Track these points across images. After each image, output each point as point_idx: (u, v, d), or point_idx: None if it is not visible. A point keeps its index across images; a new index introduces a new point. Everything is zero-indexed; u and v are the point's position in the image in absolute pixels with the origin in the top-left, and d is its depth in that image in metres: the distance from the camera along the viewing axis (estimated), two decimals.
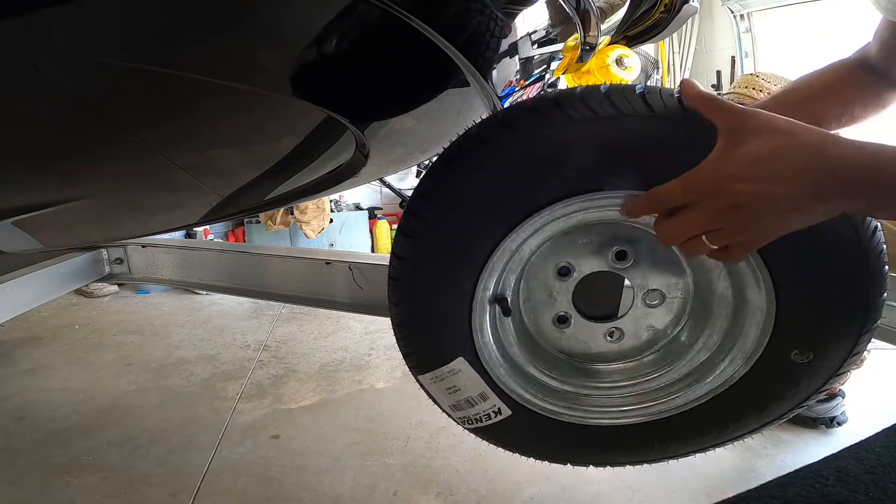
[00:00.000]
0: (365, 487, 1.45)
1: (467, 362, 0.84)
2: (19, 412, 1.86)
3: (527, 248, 0.82)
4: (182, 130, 0.69)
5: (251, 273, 1.49)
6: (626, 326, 0.92)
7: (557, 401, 0.91)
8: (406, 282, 0.81)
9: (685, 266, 0.88)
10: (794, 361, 0.81)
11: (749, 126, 0.58)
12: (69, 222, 0.99)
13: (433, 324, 0.83)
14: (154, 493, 1.43)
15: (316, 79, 0.61)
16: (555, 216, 0.75)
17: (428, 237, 0.77)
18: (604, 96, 0.68)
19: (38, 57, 0.46)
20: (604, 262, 0.87)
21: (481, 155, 0.72)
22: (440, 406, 0.92)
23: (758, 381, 0.84)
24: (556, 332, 0.93)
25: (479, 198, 0.73)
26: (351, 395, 1.97)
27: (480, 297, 0.81)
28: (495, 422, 0.90)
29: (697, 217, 0.60)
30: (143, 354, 2.35)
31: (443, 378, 0.86)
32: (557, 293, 0.90)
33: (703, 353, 0.89)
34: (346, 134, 0.75)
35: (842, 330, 0.79)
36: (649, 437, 0.92)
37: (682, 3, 1.32)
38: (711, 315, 0.88)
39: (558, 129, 0.69)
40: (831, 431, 1.72)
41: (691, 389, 0.89)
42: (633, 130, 0.68)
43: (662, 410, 0.90)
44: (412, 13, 0.54)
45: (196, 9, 0.47)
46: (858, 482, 0.41)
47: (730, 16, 4.29)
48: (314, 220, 3.73)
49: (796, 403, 0.86)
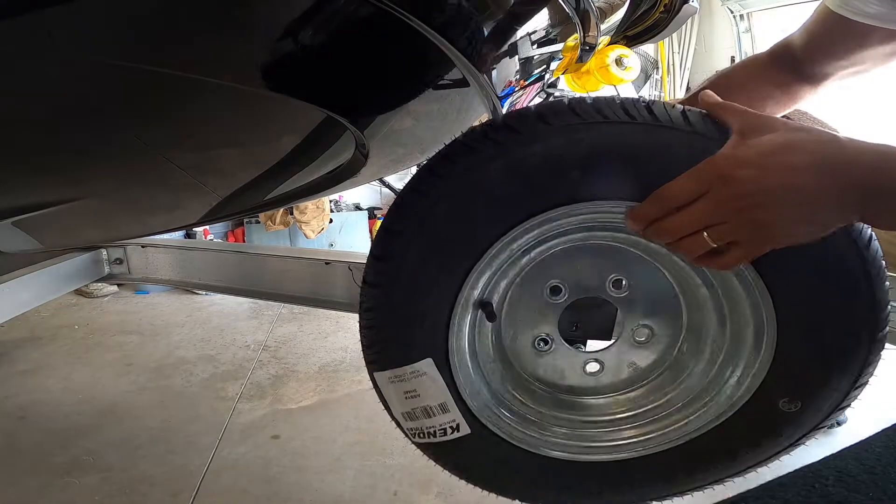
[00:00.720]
0: (365, 487, 1.45)
1: (435, 365, 0.77)
2: (19, 412, 1.85)
3: (525, 255, 0.79)
4: (182, 130, 0.69)
5: (251, 273, 1.49)
6: (608, 360, 0.89)
7: (523, 426, 0.85)
8: (391, 263, 0.73)
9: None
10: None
11: (762, 124, 0.60)
12: (69, 222, 0.99)
13: (408, 315, 0.75)
14: (154, 493, 1.43)
15: (316, 79, 0.61)
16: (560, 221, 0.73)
17: (426, 219, 0.71)
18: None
19: (38, 57, 0.46)
20: (600, 289, 0.84)
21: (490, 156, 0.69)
22: (390, 411, 0.83)
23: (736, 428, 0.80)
24: (533, 354, 0.89)
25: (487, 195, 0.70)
26: (351, 395, 1.97)
27: (466, 297, 0.75)
28: (449, 439, 0.82)
29: (703, 206, 0.59)
30: (142, 354, 2.35)
31: (403, 379, 0.78)
32: (544, 312, 0.85)
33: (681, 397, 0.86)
34: (346, 134, 0.75)
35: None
36: (612, 478, 0.86)
37: (682, 4, 1.32)
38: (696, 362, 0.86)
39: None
40: (831, 431, 1.72)
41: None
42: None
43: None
44: (412, 13, 0.54)
45: (195, 8, 0.47)
46: (858, 482, 0.41)
47: (729, 16, 4.30)
48: (314, 220, 3.73)
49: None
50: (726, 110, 0.64)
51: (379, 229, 0.76)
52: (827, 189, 0.56)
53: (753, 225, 0.58)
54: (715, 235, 0.59)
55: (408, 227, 0.72)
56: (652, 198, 0.63)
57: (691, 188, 0.60)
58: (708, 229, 0.59)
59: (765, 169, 0.56)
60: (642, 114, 0.66)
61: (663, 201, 0.62)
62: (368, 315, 0.77)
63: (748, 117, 0.61)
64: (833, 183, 0.56)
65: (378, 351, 0.79)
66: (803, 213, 0.57)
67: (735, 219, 0.58)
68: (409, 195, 0.73)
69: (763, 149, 0.57)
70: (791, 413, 0.77)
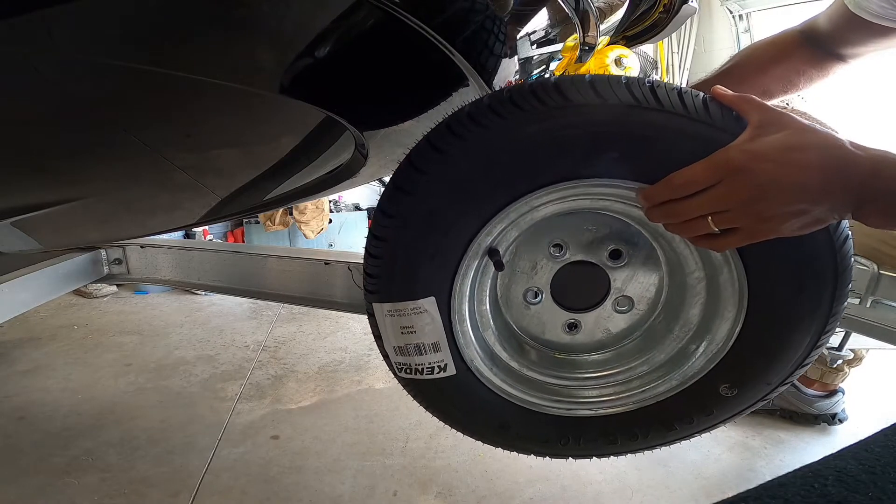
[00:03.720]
0: (364, 488, 1.45)
1: (437, 304, 0.78)
2: (19, 412, 1.85)
3: (545, 210, 0.79)
4: (181, 131, 0.69)
5: (250, 273, 1.49)
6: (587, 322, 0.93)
7: (504, 375, 0.90)
8: (413, 197, 0.72)
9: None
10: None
11: (781, 121, 0.62)
12: (68, 223, 0.99)
13: (420, 251, 0.75)
14: (153, 494, 1.43)
15: (316, 79, 0.61)
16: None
17: (455, 164, 0.70)
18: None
19: (38, 57, 0.46)
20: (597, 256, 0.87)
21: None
22: (382, 344, 0.84)
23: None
24: (523, 305, 0.93)
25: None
26: (350, 395, 1.97)
27: (479, 242, 0.76)
28: (434, 377, 0.84)
29: (715, 195, 0.61)
30: (142, 355, 2.34)
31: (403, 314, 0.79)
32: (541, 268, 0.89)
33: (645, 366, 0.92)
34: (346, 134, 0.75)
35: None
36: (567, 431, 0.93)
37: (681, 4, 1.32)
38: (669, 335, 0.90)
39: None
40: (831, 431, 1.73)
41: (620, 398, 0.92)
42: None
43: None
44: (412, 14, 0.54)
45: (196, 9, 0.47)
46: (858, 482, 0.41)
47: (728, 16, 4.30)
48: (313, 220, 3.74)
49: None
50: (746, 102, 0.66)
51: (403, 162, 0.73)
52: (829, 188, 0.59)
53: (757, 216, 0.61)
54: (719, 221, 0.63)
55: (435, 168, 0.71)
56: (665, 182, 0.65)
57: (706, 178, 0.62)
58: (713, 215, 0.62)
59: (779, 165, 0.59)
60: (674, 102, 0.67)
61: (676, 188, 0.64)
62: (378, 244, 0.76)
63: (766, 112, 0.63)
64: (835, 183, 0.59)
65: (382, 282, 0.79)
66: (804, 209, 0.60)
67: (741, 208, 0.61)
68: (445, 138, 0.70)
69: (778, 144, 0.60)
70: (727, 398, 0.86)
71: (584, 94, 0.66)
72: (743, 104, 0.66)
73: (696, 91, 0.68)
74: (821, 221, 0.62)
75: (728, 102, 0.67)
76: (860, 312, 1.20)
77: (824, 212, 0.61)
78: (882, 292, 1.21)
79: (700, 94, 0.68)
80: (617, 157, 0.68)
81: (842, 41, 0.98)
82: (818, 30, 1.01)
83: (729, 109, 0.66)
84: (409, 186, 0.72)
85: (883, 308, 1.22)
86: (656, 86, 0.66)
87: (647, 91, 0.66)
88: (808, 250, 0.71)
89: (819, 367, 1.67)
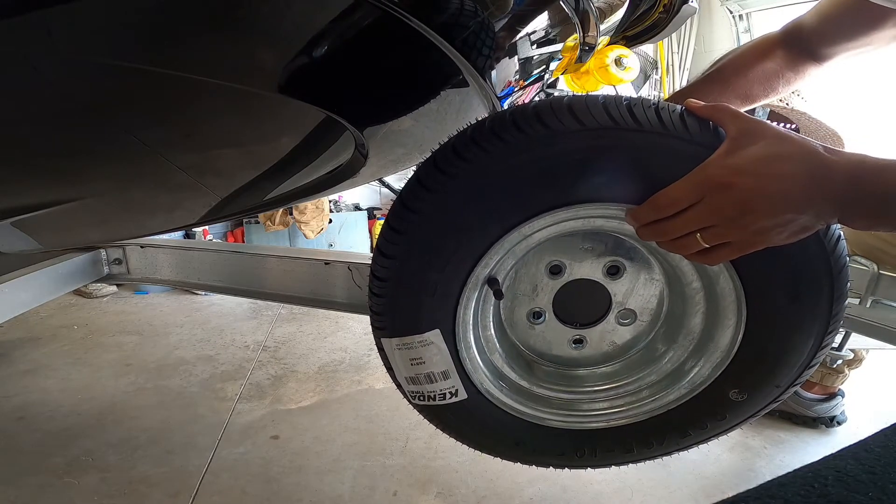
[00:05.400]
0: (365, 488, 1.45)
1: (442, 336, 0.81)
2: (19, 412, 1.85)
3: (538, 236, 0.80)
4: (181, 131, 0.69)
5: (250, 273, 1.49)
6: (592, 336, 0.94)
7: (514, 394, 0.91)
8: (408, 237, 0.75)
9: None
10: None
11: (757, 130, 0.61)
12: (68, 223, 0.99)
13: (420, 288, 0.78)
14: (153, 494, 1.43)
15: (315, 79, 0.61)
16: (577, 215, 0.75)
17: (449, 200, 0.72)
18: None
19: (38, 57, 0.46)
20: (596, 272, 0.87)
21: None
22: (395, 375, 0.87)
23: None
24: (527, 326, 0.94)
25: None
26: (350, 395, 1.97)
27: (478, 274, 0.78)
28: (447, 403, 0.87)
29: (699, 212, 0.62)
30: (142, 355, 2.34)
31: (411, 347, 0.82)
32: (542, 289, 0.90)
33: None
34: (346, 134, 0.75)
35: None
36: (582, 443, 0.94)
37: (681, 4, 1.32)
38: (674, 345, 0.91)
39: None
40: (831, 431, 1.73)
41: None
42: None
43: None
44: (412, 14, 0.54)
45: (195, 8, 0.47)
46: (858, 482, 0.41)
47: (729, 16, 4.30)
48: (313, 220, 3.74)
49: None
50: (721, 112, 0.65)
51: (395, 203, 0.75)
52: (810, 196, 0.59)
53: (745, 229, 0.61)
54: (707, 237, 0.63)
55: (427, 207, 0.72)
56: (649, 203, 0.66)
57: (688, 196, 0.62)
58: (701, 231, 0.63)
59: (760, 178, 0.59)
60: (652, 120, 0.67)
61: (661, 208, 0.65)
62: (380, 284, 0.79)
63: (742, 121, 0.63)
64: (817, 191, 0.59)
65: (388, 319, 0.82)
66: (790, 218, 0.60)
67: (727, 223, 0.61)
68: (434, 176, 0.72)
69: (756, 156, 0.60)
70: (737, 402, 0.87)
71: (565, 121, 0.66)
72: (717, 114, 0.66)
73: (673, 106, 0.68)
74: (808, 228, 0.62)
75: (703, 115, 0.66)
76: (860, 312, 1.20)
77: (810, 219, 0.61)
78: (882, 292, 1.21)
79: (677, 109, 0.67)
80: (602, 180, 0.69)
81: (823, 37, 0.98)
82: (802, 27, 1.01)
83: (706, 122, 0.66)
84: (404, 227, 0.74)
85: (883, 308, 1.22)
86: (633, 105, 0.66)
87: (624, 111, 0.65)
88: (799, 255, 0.72)
89: (819, 370, 1.67)
